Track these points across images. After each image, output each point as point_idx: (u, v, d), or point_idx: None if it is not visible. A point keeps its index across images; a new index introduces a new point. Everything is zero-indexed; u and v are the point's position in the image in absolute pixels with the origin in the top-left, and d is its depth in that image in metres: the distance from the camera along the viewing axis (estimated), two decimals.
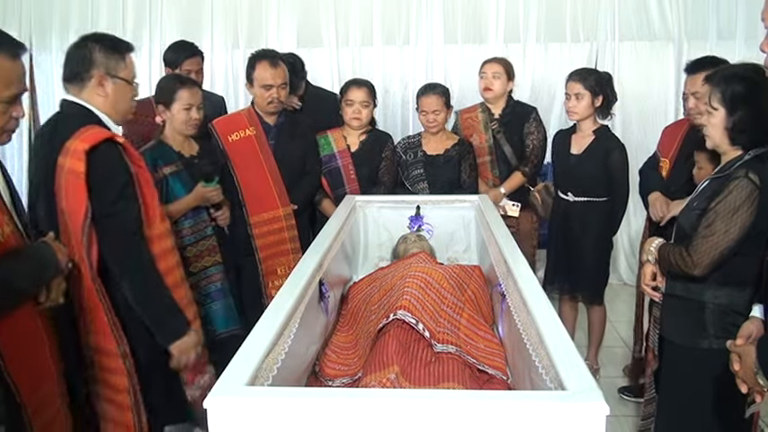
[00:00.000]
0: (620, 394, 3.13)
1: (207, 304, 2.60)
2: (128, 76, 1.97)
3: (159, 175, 2.51)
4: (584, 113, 3.08)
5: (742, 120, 1.81)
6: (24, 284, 1.54)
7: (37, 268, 1.58)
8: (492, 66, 3.37)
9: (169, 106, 2.59)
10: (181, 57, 3.18)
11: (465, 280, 2.49)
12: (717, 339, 1.86)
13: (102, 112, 1.92)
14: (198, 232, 2.59)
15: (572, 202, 3.14)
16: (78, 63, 1.90)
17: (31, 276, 1.56)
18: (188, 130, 2.63)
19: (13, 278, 1.48)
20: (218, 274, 2.62)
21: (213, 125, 2.98)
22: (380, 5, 4.76)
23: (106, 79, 1.91)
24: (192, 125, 2.63)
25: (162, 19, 4.80)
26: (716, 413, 1.89)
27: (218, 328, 2.62)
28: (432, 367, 1.90)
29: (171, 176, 2.55)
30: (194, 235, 2.58)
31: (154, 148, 2.59)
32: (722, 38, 4.61)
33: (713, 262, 1.83)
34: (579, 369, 1.25)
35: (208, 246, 2.61)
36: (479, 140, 3.39)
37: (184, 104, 2.58)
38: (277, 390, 1.33)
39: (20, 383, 1.52)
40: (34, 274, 1.57)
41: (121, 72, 1.94)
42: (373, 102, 3.26)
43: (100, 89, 1.91)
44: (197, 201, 2.58)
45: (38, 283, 1.59)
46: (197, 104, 2.61)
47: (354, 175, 3.22)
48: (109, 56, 1.92)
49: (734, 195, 1.79)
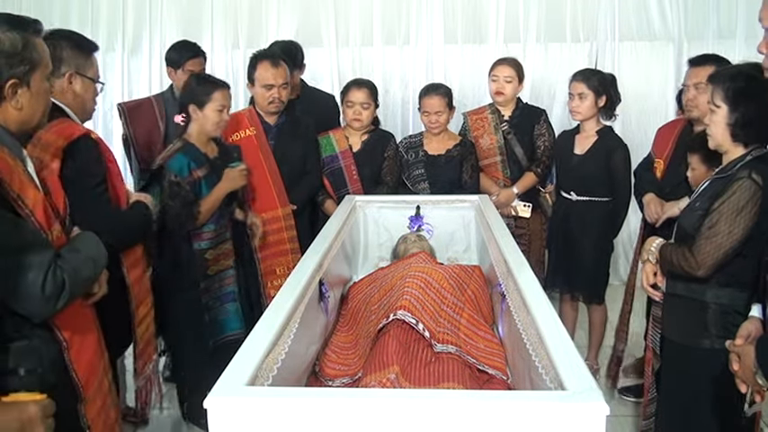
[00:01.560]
0: (620, 394, 3.13)
1: (218, 307, 2.61)
2: (94, 75, 2.02)
3: (193, 177, 2.49)
4: (588, 114, 3.09)
5: (744, 116, 1.81)
6: (90, 274, 1.53)
7: (95, 258, 1.56)
8: (504, 69, 3.34)
9: (202, 107, 2.55)
10: (184, 57, 3.18)
11: (465, 280, 2.49)
12: (718, 339, 1.85)
13: (69, 110, 1.95)
14: (218, 236, 2.58)
15: (574, 201, 3.14)
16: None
17: (92, 266, 1.54)
18: (217, 131, 2.62)
19: (81, 268, 1.46)
20: (231, 277, 2.62)
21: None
22: (380, 5, 4.76)
23: (75, 77, 1.95)
24: (222, 127, 2.63)
25: (162, 19, 4.79)
26: (717, 413, 1.89)
27: (229, 331, 2.61)
28: (432, 367, 1.90)
29: (204, 179, 2.53)
30: (214, 239, 2.57)
31: (184, 149, 2.53)
32: (722, 38, 4.61)
33: (717, 263, 1.82)
34: (579, 369, 1.25)
35: (225, 249, 2.61)
36: (490, 141, 3.39)
37: (218, 106, 2.55)
38: (277, 390, 1.33)
39: (82, 377, 1.54)
40: (95, 264, 1.55)
41: (89, 71, 1.99)
42: (375, 102, 3.26)
43: (69, 87, 1.95)
44: (227, 184, 2.57)
45: (98, 272, 1.58)
46: (228, 106, 2.61)
47: (357, 176, 3.22)
48: (78, 54, 1.96)
49: (737, 196, 1.78)
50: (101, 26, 4.78)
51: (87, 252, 1.53)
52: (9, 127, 1.46)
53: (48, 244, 1.41)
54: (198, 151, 2.56)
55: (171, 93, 3.30)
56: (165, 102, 3.26)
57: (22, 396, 1.13)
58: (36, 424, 1.13)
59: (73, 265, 1.42)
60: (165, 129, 3.20)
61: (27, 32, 1.46)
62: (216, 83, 2.62)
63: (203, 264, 2.53)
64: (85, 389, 1.56)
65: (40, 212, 1.42)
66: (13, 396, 1.13)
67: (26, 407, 1.13)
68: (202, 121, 2.56)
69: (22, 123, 1.49)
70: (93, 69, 2.02)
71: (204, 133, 2.59)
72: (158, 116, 3.22)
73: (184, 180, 2.46)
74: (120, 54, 4.76)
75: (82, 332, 1.57)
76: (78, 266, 1.45)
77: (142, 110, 3.24)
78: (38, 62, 1.47)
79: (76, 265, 1.44)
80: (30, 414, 1.12)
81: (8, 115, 1.45)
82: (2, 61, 1.40)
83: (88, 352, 1.59)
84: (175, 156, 2.49)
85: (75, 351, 1.52)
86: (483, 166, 3.39)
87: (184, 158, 2.49)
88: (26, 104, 1.46)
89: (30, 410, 1.13)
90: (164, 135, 3.18)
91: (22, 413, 1.12)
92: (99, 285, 1.62)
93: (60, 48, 1.92)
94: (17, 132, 1.49)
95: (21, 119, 1.47)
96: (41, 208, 1.43)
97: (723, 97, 1.84)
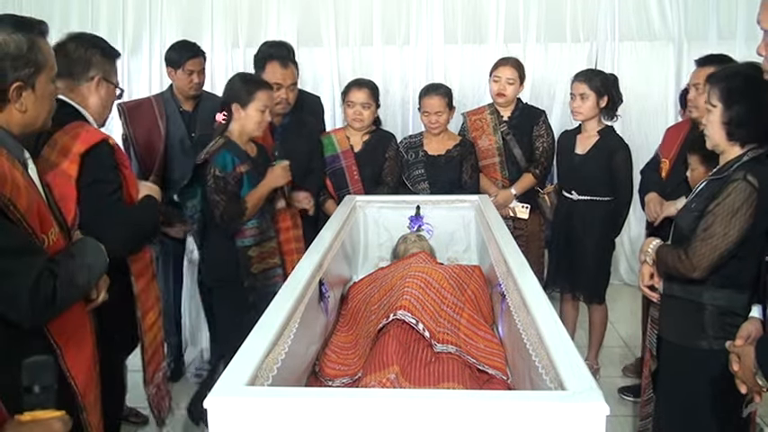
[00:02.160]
0: (620, 394, 3.13)
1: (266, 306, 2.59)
2: (116, 81, 2.04)
3: (237, 172, 2.49)
4: (589, 114, 3.09)
5: (739, 114, 1.81)
6: (84, 282, 1.50)
7: (92, 264, 1.54)
8: (507, 70, 3.33)
9: (245, 106, 2.54)
10: (184, 56, 3.18)
11: (465, 280, 2.49)
12: (715, 340, 1.86)
13: (89, 113, 1.96)
14: (262, 233, 2.56)
15: (576, 200, 3.14)
16: (76, 62, 1.94)
17: (89, 273, 1.52)
18: (258, 131, 2.61)
19: (75, 275, 1.44)
20: (279, 275, 2.60)
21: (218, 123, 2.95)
22: (380, 5, 4.76)
23: (102, 83, 1.97)
24: (263, 127, 2.62)
25: (162, 19, 4.80)
26: (714, 413, 1.89)
27: None
28: (432, 367, 1.90)
29: (246, 175, 2.53)
30: (258, 236, 2.55)
31: (228, 146, 2.52)
32: (722, 38, 4.61)
33: (712, 264, 1.82)
34: (579, 369, 1.25)
35: (269, 248, 2.58)
36: (488, 142, 3.39)
37: (261, 106, 2.54)
38: (277, 390, 1.33)
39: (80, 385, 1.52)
40: (91, 271, 1.53)
41: (113, 78, 2.02)
42: (376, 102, 3.25)
43: (96, 91, 1.96)
44: (272, 180, 2.57)
45: (95, 279, 1.56)
46: (271, 107, 2.61)
47: (358, 176, 3.21)
48: (106, 60, 1.99)
49: (732, 197, 1.78)
50: (101, 26, 4.78)
51: (84, 258, 1.50)
52: (12, 129, 1.45)
53: (39, 250, 1.38)
54: (239, 149, 2.55)
55: (171, 93, 3.30)
56: (164, 102, 3.26)
57: (39, 414, 1.11)
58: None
59: (66, 272, 1.40)
60: (166, 129, 3.20)
61: (32, 34, 1.45)
62: (260, 83, 2.62)
63: (247, 261, 2.52)
64: (84, 397, 1.54)
65: (34, 217, 1.39)
66: (29, 414, 1.10)
67: (50, 424, 1.11)
68: (244, 120, 2.55)
69: (26, 126, 1.48)
70: (115, 77, 2.04)
71: (245, 133, 2.58)
72: (158, 116, 3.21)
73: (229, 175, 2.46)
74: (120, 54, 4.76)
75: (78, 339, 1.54)
76: (72, 273, 1.42)
77: (142, 110, 3.24)
78: (43, 64, 1.46)
79: (71, 271, 1.42)
80: (55, 431, 1.11)
81: (12, 117, 1.44)
82: (7, 64, 1.39)
83: (85, 360, 1.56)
84: (220, 152, 2.48)
85: (71, 358, 1.50)
86: (481, 167, 3.39)
87: (228, 155, 2.49)
88: (30, 107, 1.46)
89: (54, 427, 1.11)
90: (164, 135, 3.19)
91: (47, 430, 1.10)
92: (98, 292, 1.60)
93: (92, 52, 1.95)
94: (20, 134, 1.48)
95: (24, 121, 1.46)
96: (35, 212, 1.40)
97: (719, 96, 1.84)
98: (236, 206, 2.47)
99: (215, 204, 2.46)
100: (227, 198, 2.46)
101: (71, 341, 1.51)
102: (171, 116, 3.24)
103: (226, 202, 2.45)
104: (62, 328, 1.47)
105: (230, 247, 2.53)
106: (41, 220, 1.42)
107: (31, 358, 1.12)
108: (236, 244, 2.52)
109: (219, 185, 2.45)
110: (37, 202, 1.43)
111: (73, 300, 1.47)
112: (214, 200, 2.46)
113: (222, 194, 2.45)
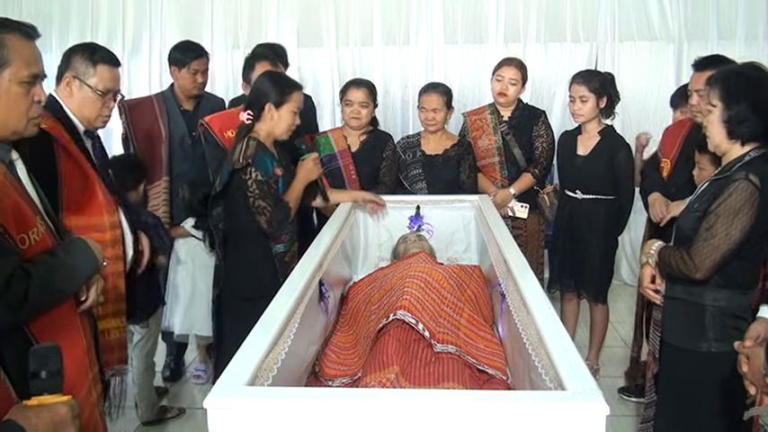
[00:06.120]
0: (620, 394, 3.13)
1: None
2: (94, 84, 2.08)
3: (276, 175, 2.43)
4: (590, 115, 3.08)
5: (739, 113, 1.80)
6: (64, 284, 1.45)
7: (77, 266, 1.49)
8: (510, 71, 3.32)
9: (279, 107, 2.43)
10: (189, 56, 3.19)
11: (465, 280, 2.49)
12: (716, 342, 1.85)
13: (71, 111, 2.07)
14: (291, 235, 2.51)
15: (580, 199, 3.14)
16: (61, 62, 2.12)
17: (72, 275, 1.48)
18: (287, 134, 2.50)
19: (53, 277, 1.39)
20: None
21: (207, 122, 2.82)
22: (380, 5, 4.76)
23: (73, 81, 2.07)
24: (292, 131, 2.52)
25: (162, 19, 4.80)
26: (715, 416, 1.88)
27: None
28: (432, 367, 1.90)
29: (281, 178, 2.46)
30: (289, 240, 2.50)
31: (263, 148, 2.41)
32: (722, 38, 4.60)
33: (714, 265, 1.82)
34: (579, 369, 1.25)
35: (295, 248, 2.53)
36: (488, 142, 3.39)
37: (294, 107, 2.45)
38: (277, 390, 1.33)
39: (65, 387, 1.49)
40: (75, 273, 1.49)
41: (89, 79, 2.08)
42: (373, 102, 3.25)
43: (66, 89, 2.08)
44: (305, 175, 2.52)
45: (79, 282, 1.52)
46: (301, 109, 2.52)
47: (355, 176, 3.21)
48: (83, 62, 2.08)
49: (734, 197, 1.78)
50: (101, 26, 4.79)
51: (68, 260, 1.46)
52: None
53: (9, 250, 1.33)
54: (269, 150, 2.47)
55: (171, 92, 3.30)
56: (165, 101, 3.27)
57: (46, 399, 1.11)
58: (68, 424, 1.11)
59: (43, 274, 1.35)
60: (168, 128, 3.20)
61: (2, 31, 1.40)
62: (295, 84, 2.53)
63: (285, 268, 2.38)
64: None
65: (9, 217, 1.34)
66: (37, 399, 1.10)
67: (57, 408, 1.10)
68: (277, 121, 2.45)
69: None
70: (94, 79, 2.08)
71: (274, 134, 2.48)
72: (159, 114, 3.22)
73: (271, 178, 2.39)
74: (120, 54, 4.72)
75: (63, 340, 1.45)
76: (49, 275, 1.37)
77: (142, 108, 3.24)
78: (4, 61, 1.39)
79: (48, 273, 1.37)
80: (62, 415, 1.10)
81: None
82: None
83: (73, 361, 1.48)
84: (259, 155, 2.37)
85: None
86: (481, 167, 3.39)
87: (266, 157, 2.41)
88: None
89: (61, 412, 1.10)
90: (165, 135, 3.18)
91: (54, 415, 1.09)
92: (87, 293, 1.56)
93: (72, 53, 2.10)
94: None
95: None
96: (10, 212, 1.35)
97: (719, 96, 1.83)
98: (283, 210, 2.38)
99: (261, 211, 2.34)
100: (274, 203, 2.36)
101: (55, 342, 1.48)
102: (172, 115, 3.24)
103: (272, 207, 2.35)
104: (45, 328, 1.41)
105: (266, 254, 2.43)
106: (21, 219, 1.38)
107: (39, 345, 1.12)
108: (271, 251, 2.43)
109: (264, 190, 2.34)
110: (15, 201, 1.37)
111: (52, 301, 1.42)
112: (260, 206, 2.34)
113: (268, 199, 2.34)
